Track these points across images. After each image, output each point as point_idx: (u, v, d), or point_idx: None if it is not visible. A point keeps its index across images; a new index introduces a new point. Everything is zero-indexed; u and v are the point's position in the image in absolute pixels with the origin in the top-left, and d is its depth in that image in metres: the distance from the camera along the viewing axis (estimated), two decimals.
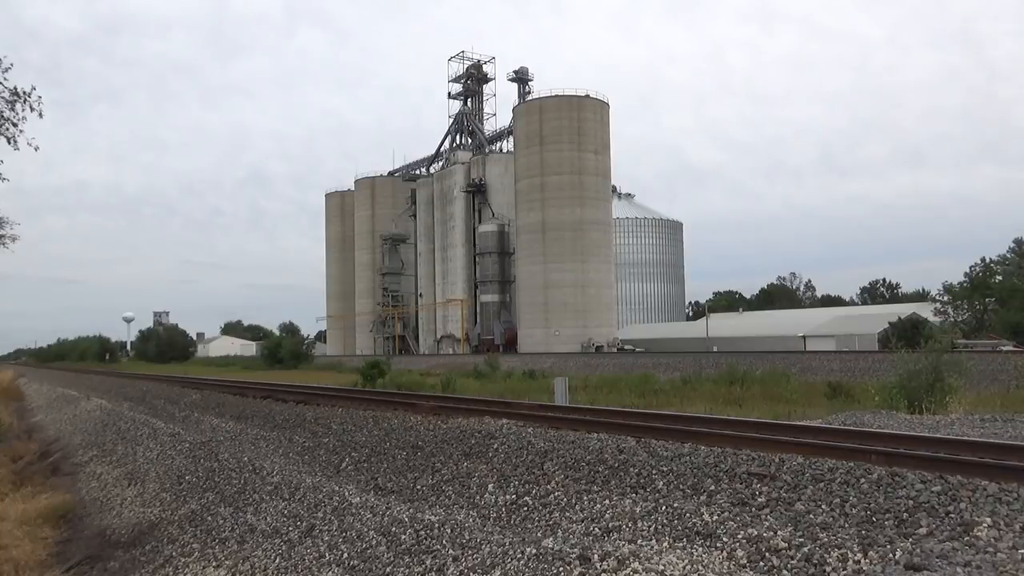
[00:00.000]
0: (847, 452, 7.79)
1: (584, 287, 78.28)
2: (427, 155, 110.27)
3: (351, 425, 13.94)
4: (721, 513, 6.62)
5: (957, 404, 15.27)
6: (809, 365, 29.96)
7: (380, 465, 11.08)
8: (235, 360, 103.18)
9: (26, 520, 12.26)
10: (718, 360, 33.75)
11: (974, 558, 5.02)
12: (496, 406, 14.64)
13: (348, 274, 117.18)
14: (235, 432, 16.02)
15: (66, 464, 18.38)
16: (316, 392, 21.51)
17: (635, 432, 10.04)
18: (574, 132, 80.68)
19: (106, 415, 23.19)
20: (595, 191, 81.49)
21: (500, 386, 30.00)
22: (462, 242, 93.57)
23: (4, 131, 17.36)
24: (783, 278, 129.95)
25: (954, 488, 6.19)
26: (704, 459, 8.01)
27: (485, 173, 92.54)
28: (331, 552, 7.85)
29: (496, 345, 63.89)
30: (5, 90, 16.87)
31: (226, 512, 10.34)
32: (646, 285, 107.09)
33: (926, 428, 11.89)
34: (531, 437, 10.21)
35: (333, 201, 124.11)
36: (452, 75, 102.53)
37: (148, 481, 13.69)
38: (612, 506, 7.43)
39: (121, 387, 36.28)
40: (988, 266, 68.01)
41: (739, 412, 16.86)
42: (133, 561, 10.08)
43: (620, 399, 22.63)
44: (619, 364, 38.05)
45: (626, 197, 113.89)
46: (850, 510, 6.20)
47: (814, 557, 5.45)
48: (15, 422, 29.21)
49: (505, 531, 7.28)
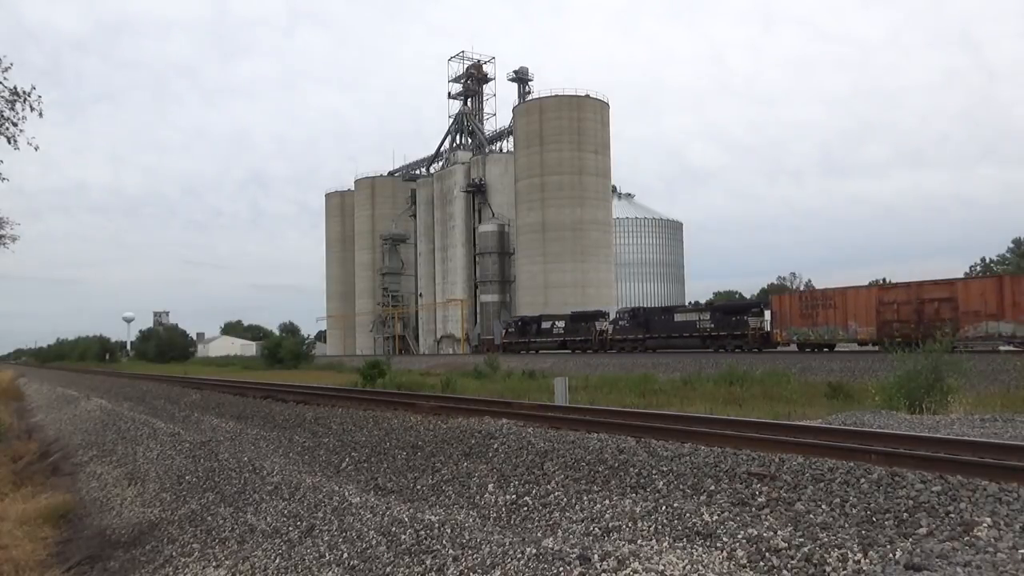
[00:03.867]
0: (847, 452, 7.79)
1: (584, 287, 78.26)
2: (427, 155, 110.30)
3: (351, 425, 13.95)
4: (721, 513, 6.62)
5: (957, 404, 15.26)
6: (809, 365, 29.95)
7: (380, 465, 11.08)
8: (235, 360, 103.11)
9: (26, 520, 12.27)
10: (718, 360, 33.75)
11: (974, 558, 5.02)
12: (496, 406, 14.64)
13: (348, 274, 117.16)
14: (235, 432, 16.01)
15: (66, 464, 18.38)
16: (316, 392, 21.51)
17: (635, 432, 10.04)
18: (574, 132, 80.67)
19: (106, 415, 23.19)
20: (595, 191, 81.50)
21: (500, 386, 29.98)
22: (462, 242, 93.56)
23: (4, 131, 17.36)
24: (783, 278, 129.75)
25: (954, 488, 6.19)
26: (704, 459, 8.01)
27: (485, 173, 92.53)
28: (331, 552, 7.85)
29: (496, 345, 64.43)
30: (5, 90, 16.87)
31: (226, 512, 10.34)
32: (646, 285, 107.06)
33: (926, 428, 11.88)
34: (531, 437, 10.21)
35: (333, 201, 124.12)
36: (452, 75, 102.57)
37: (148, 481, 13.70)
38: (612, 506, 7.43)
39: (121, 387, 36.28)
40: (988, 266, 68.04)
41: (739, 412, 16.84)
42: (133, 561, 10.08)
43: (620, 399, 22.61)
44: (619, 364, 38.05)
45: (626, 197, 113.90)
46: (850, 510, 6.20)
47: (814, 557, 5.45)
48: (15, 422, 29.21)
49: (505, 531, 7.28)
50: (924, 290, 33.80)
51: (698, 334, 45.56)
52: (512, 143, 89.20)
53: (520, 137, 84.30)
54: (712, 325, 44.96)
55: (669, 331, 47.74)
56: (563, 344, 57.63)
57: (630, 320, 51.66)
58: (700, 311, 48.10)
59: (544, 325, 60.68)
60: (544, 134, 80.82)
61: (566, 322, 58.13)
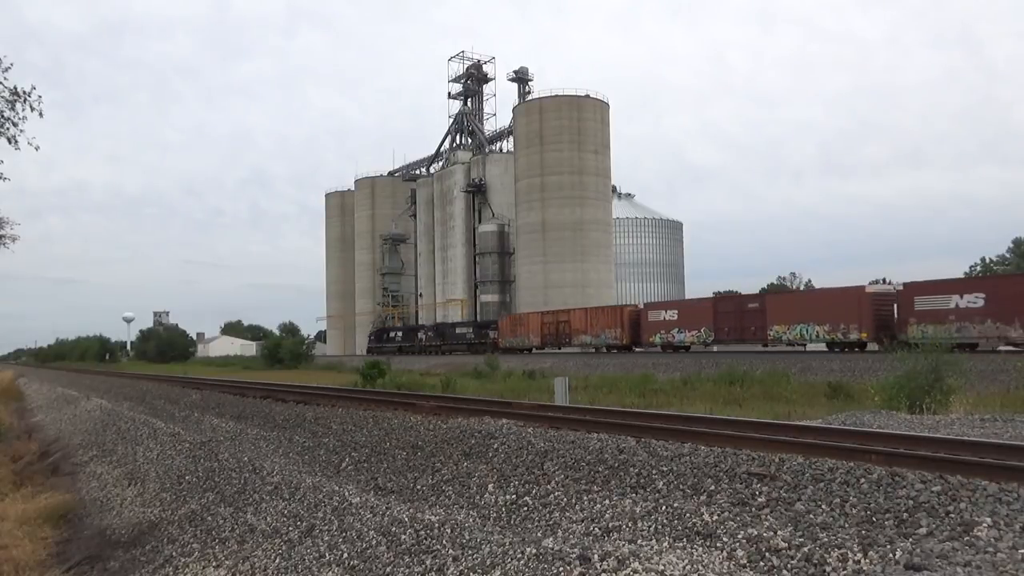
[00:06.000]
0: (847, 452, 7.79)
1: (584, 287, 78.21)
2: (427, 155, 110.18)
3: (351, 425, 13.94)
4: (721, 513, 6.62)
5: (957, 404, 15.26)
6: (809, 365, 29.95)
7: (380, 465, 11.08)
8: (235, 360, 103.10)
9: (26, 520, 12.27)
10: (718, 360, 33.74)
11: (974, 558, 5.02)
12: (496, 406, 14.64)
13: (348, 274, 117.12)
14: (235, 432, 16.01)
15: (66, 464, 18.38)
16: (316, 392, 21.51)
17: (635, 432, 10.04)
18: (574, 132, 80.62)
19: (106, 415, 23.18)
20: (595, 191, 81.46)
21: (500, 386, 29.99)
22: (462, 242, 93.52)
23: (4, 131, 17.35)
24: (783, 278, 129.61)
25: (954, 488, 6.18)
26: (704, 459, 8.01)
27: (485, 173, 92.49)
28: (331, 552, 7.85)
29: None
30: (5, 90, 16.86)
31: (226, 512, 10.33)
32: (646, 285, 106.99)
33: (926, 428, 11.88)
34: (531, 437, 10.21)
35: (333, 201, 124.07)
36: (452, 75, 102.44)
37: (148, 481, 13.69)
38: (612, 506, 7.42)
39: (121, 387, 36.28)
40: (988, 266, 68.06)
41: (739, 412, 16.85)
42: (133, 561, 10.08)
43: (620, 399, 22.62)
44: (619, 364, 38.06)
45: (626, 197, 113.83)
46: (850, 510, 6.20)
47: (814, 557, 5.45)
48: (15, 422, 29.22)
49: (505, 531, 7.28)
50: (559, 314, 55.15)
51: (466, 341, 67.70)
52: (512, 143, 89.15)
53: (520, 137, 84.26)
54: (473, 335, 67.37)
55: (455, 339, 69.66)
56: (399, 349, 77.72)
57: (435, 332, 75.10)
58: (468, 326, 71.37)
59: (391, 334, 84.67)
60: (544, 134, 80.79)
61: (402, 332, 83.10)
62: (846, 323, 36.48)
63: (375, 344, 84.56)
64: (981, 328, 30.97)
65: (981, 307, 31.04)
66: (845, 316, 36.54)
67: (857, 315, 35.98)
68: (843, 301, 36.99)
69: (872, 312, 35.48)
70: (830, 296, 38.92)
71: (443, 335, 71.88)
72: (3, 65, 16.58)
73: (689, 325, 45.19)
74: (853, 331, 36.24)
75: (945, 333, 30.44)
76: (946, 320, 31.98)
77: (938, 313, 32.51)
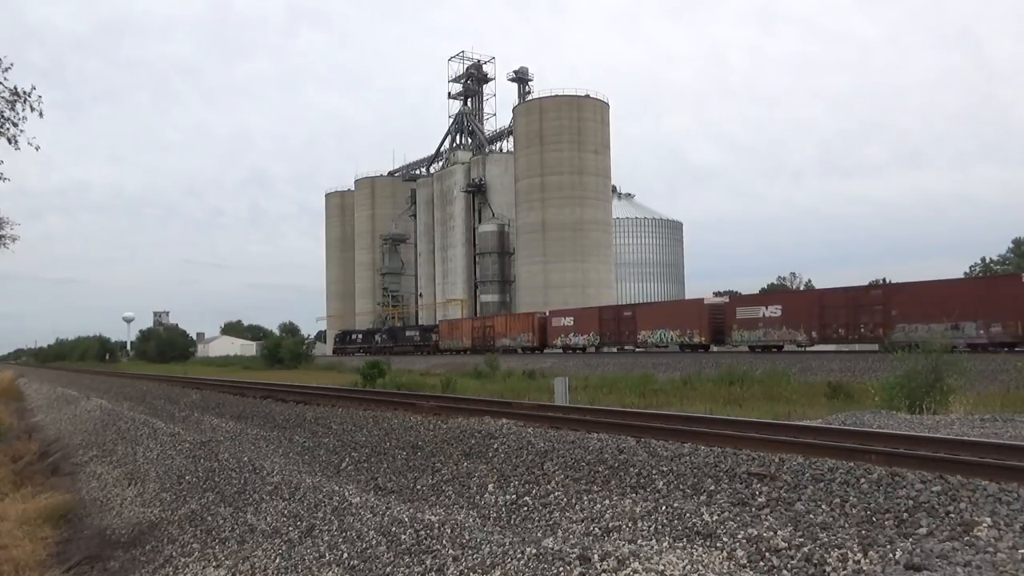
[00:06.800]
0: (847, 452, 7.78)
1: (584, 287, 78.24)
2: (427, 155, 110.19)
3: (351, 425, 13.94)
4: (721, 513, 6.62)
5: (957, 404, 15.25)
6: (809, 365, 29.93)
7: (380, 465, 11.08)
8: (235, 360, 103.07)
9: (26, 520, 12.27)
10: (718, 360, 33.75)
11: (974, 558, 5.02)
12: (496, 406, 14.64)
13: (348, 274, 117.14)
14: (235, 432, 16.01)
15: (66, 464, 18.38)
16: (316, 392, 21.51)
17: (635, 432, 10.04)
18: (574, 132, 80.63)
19: (106, 415, 23.19)
20: (595, 191, 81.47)
21: (500, 386, 29.99)
22: (462, 242, 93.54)
23: (4, 131, 17.36)
24: (783, 278, 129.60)
25: (954, 488, 6.18)
26: (704, 459, 8.01)
27: (485, 173, 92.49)
28: (331, 552, 7.85)
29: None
30: (5, 90, 16.87)
31: (226, 512, 10.34)
32: (646, 285, 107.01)
33: (926, 428, 11.88)
34: (531, 437, 10.21)
35: (333, 201, 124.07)
36: (452, 75, 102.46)
37: (148, 481, 13.69)
38: (612, 506, 7.42)
39: (121, 387, 36.29)
40: (988, 266, 68.06)
41: (739, 412, 16.85)
42: (133, 561, 10.08)
43: (620, 399, 22.61)
44: (619, 364, 38.08)
45: (626, 197, 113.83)
46: (850, 510, 6.20)
47: (814, 557, 5.45)
48: (15, 422, 29.23)
49: (505, 531, 7.28)
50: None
51: (414, 343, 74.55)
52: (512, 143, 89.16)
53: (520, 137, 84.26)
54: (419, 338, 74.72)
55: (404, 341, 76.38)
56: (359, 349, 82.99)
57: (388, 335, 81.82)
58: (415, 330, 78.83)
59: (352, 337, 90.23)
60: (544, 134, 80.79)
61: (362, 335, 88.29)
62: (691, 328, 43.27)
63: (339, 345, 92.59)
64: (779, 333, 37.67)
65: (779, 316, 37.72)
66: (690, 323, 43.40)
67: (698, 322, 42.86)
68: (690, 311, 44.47)
69: (709, 320, 42.21)
70: (680, 306, 47.98)
71: (395, 337, 79.63)
72: (3, 65, 16.61)
73: (582, 330, 52.23)
74: (696, 335, 42.92)
75: (755, 337, 38.40)
76: (756, 327, 38.56)
77: (752, 321, 38.84)
